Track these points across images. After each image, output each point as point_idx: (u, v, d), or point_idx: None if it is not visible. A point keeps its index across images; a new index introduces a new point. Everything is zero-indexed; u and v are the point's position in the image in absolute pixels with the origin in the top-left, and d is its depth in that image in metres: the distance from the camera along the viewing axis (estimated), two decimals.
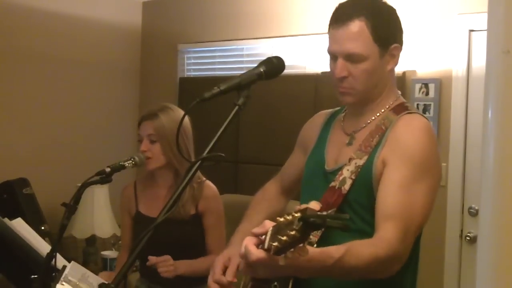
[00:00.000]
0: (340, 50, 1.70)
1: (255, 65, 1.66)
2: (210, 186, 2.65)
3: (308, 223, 1.14)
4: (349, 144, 1.76)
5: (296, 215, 1.17)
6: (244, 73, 1.62)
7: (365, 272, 1.50)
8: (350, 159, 1.70)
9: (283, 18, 4.34)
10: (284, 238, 1.16)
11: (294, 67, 4.21)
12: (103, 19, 4.98)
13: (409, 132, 1.67)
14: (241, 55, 4.74)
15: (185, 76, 5.08)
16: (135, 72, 5.31)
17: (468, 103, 3.65)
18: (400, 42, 1.75)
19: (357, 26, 1.67)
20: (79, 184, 2.06)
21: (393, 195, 1.59)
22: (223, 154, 1.51)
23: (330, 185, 1.71)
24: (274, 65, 1.66)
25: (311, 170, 1.87)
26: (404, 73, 3.80)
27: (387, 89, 1.77)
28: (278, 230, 1.21)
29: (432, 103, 3.71)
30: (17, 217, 2.41)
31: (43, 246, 2.29)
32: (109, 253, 4.00)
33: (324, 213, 1.63)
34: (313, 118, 2.01)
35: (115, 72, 5.12)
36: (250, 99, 1.59)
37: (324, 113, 1.98)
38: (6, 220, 2.29)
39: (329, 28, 1.75)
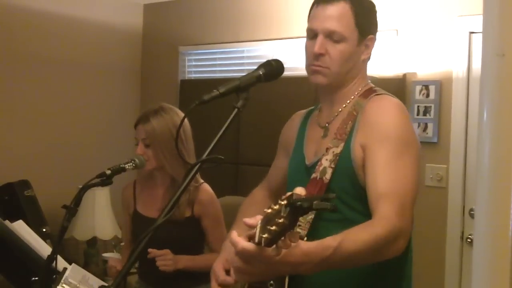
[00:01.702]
0: (322, 27, 1.75)
1: (256, 67, 1.68)
2: (206, 190, 2.64)
3: (295, 207, 1.14)
4: (324, 136, 1.80)
5: (282, 202, 1.16)
6: (243, 75, 1.63)
7: (369, 255, 1.47)
8: (327, 149, 1.73)
9: (284, 20, 4.35)
10: (274, 228, 1.15)
11: (294, 69, 4.20)
12: (105, 21, 4.99)
13: (380, 112, 1.70)
14: (242, 57, 4.74)
15: (186, 78, 5.08)
16: (136, 74, 5.32)
17: (469, 105, 3.65)
18: (375, 35, 1.83)
19: (341, 6, 1.75)
20: (80, 186, 2.07)
21: (380, 175, 1.60)
22: (222, 157, 1.52)
23: (312, 176, 1.73)
24: (273, 67, 1.68)
25: (293, 168, 1.90)
26: (404, 75, 3.81)
27: (358, 78, 1.82)
28: (267, 221, 1.19)
29: (432, 105, 3.71)
30: (18, 219, 2.42)
31: (44, 248, 2.30)
32: (110, 255, 4.01)
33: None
34: (290, 119, 2.06)
35: (116, 74, 5.13)
36: (249, 101, 1.60)
37: (300, 113, 2.03)
38: (7, 222, 2.30)
39: (312, 8, 1.82)
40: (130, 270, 1.42)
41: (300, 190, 1.24)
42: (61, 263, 2.12)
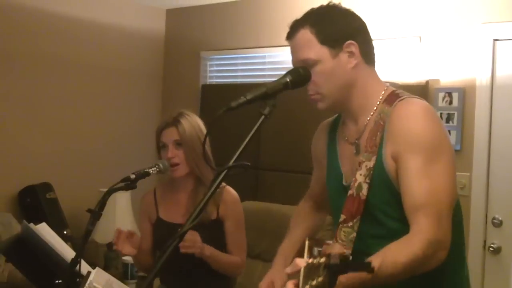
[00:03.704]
0: (294, 60, 1.77)
1: (277, 72, 1.67)
2: (230, 191, 2.66)
3: (332, 271, 1.17)
4: (357, 153, 1.75)
5: (321, 260, 1.19)
6: (270, 82, 1.62)
7: (409, 273, 1.49)
8: (360, 163, 1.69)
9: None
10: (314, 283, 1.18)
11: None
12: (127, 26, 5.03)
13: (407, 119, 1.65)
14: (263, 63, 4.75)
15: (207, 83, 5.09)
16: (157, 79, 5.34)
17: (492, 113, 3.62)
18: (355, 38, 1.73)
19: (301, 34, 1.74)
20: (102, 189, 2.07)
21: (414, 186, 1.58)
22: (249, 163, 1.51)
23: (348, 193, 1.70)
24: (301, 75, 1.68)
25: (332, 187, 1.87)
26: (427, 82, 3.79)
27: (361, 86, 1.75)
28: (308, 272, 1.22)
29: (455, 112, 3.68)
30: (40, 221, 2.43)
31: (67, 251, 2.31)
32: (130, 258, 4.01)
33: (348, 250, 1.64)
34: (317, 132, 2.01)
35: (138, 78, 5.16)
36: (275, 108, 1.59)
37: (325, 125, 1.98)
38: (31, 225, 2.31)
39: None
40: (156, 276, 1.42)
41: (338, 249, 1.24)
42: (84, 266, 2.13)
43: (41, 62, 4.45)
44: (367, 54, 1.77)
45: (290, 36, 1.78)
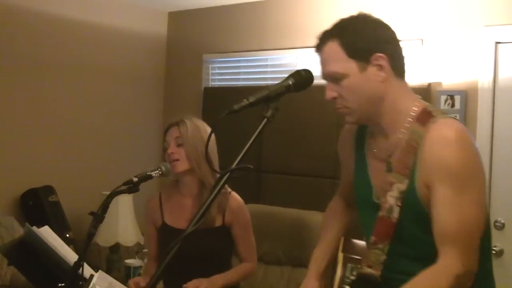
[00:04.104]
0: (323, 74, 1.75)
1: (279, 75, 1.67)
2: (235, 198, 2.67)
3: None
4: (389, 170, 1.71)
5: None
6: (272, 85, 1.62)
7: None
8: (391, 184, 1.67)
9: (308, 29, 4.34)
10: None
11: (318, 77, 4.20)
12: (130, 29, 5.03)
13: (439, 148, 1.60)
14: (265, 66, 4.75)
15: (210, 85, 5.10)
16: (160, 81, 5.35)
17: (494, 115, 3.62)
18: (385, 51, 1.68)
19: (329, 47, 1.71)
20: (104, 192, 2.07)
21: (444, 215, 1.58)
22: (251, 166, 1.51)
23: (379, 215, 1.69)
24: (303, 77, 1.67)
25: (361, 199, 1.84)
26: (429, 84, 3.79)
27: (391, 101, 1.70)
28: None
29: (457, 115, 3.68)
30: (42, 224, 2.43)
31: (70, 254, 2.31)
32: (132, 261, 4.00)
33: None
34: (343, 136, 1.96)
35: (141, 81, 5.17)
36: (278, 111, 1.59)
37: (351, 130, 1.92)
38: (34, 228, 2.31)
39: None
40: (160, 279, 1.42)
41: None
42: (87, 269, 2.13)
43: (44, 65, 4.45)
44: (397, 67, 1.71)
45: (318, 48, 1.75)
